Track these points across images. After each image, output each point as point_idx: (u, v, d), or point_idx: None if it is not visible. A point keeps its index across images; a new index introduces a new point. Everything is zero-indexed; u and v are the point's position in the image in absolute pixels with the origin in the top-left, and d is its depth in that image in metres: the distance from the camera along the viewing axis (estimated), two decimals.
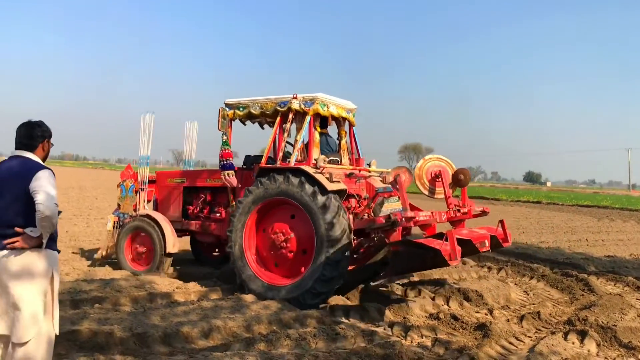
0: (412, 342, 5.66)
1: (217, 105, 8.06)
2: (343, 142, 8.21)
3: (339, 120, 8.11)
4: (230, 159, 7.81)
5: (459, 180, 7.71)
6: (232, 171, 7.71)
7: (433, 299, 7.41)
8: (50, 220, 3.30)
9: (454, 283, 8.29)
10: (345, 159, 8.13)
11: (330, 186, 6.73)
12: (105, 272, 8.20)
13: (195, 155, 9.28)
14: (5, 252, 3.35)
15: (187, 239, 9.44)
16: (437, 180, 7.72)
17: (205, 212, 8.50)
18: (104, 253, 8.74)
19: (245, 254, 7.19)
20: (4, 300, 3.35)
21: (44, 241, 3.39)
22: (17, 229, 3.35)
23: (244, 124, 8.28)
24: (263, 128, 8.61)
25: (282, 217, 7.16)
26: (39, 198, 3.28)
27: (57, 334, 3.57)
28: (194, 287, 7.50)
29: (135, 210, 8.74)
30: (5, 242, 3.34)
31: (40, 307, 3.39)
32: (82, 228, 13.69)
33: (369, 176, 7.90)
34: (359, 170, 7.72)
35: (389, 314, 6.64)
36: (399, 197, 6.73)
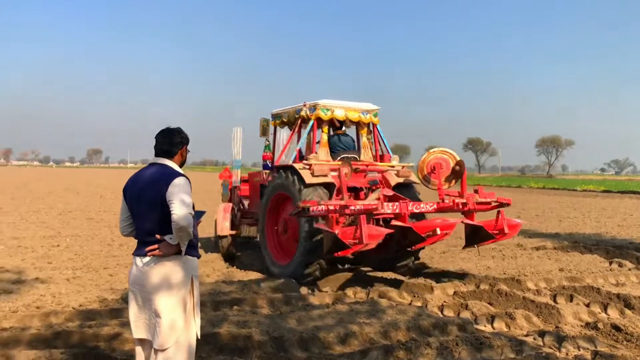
0: (567, 354, 5.10)
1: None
2: (364, 140, 9.01)
3: (357, 122, 8.89)
4: (269, 160, 9.53)
5: (455, 171, 8.01)
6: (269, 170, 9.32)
7: (587, 305, 6.70)
8: (186, 230, 3.28)
9: (610, 288, 7.46)
10: (367, 156, 8.88)
11: (309, 180, 7.61)
12: (243, 274, 8.41)
13: (240, 156, 10.55)
14: (147, 259, 3.40)
15: None
16: (440, 171, 8.06)
17: None
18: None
19: (266, 239, 8.55)
20: (147, 306, 3.40)
21: (183, 249, 3.39)
22: (157, 236, 3.38)
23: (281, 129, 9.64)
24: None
25: (289, 209, 8.03)
26: (174, 208, 3.27)
27: (199, 338, 3.56)
28: (328, 290, 7.42)
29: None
30: (147, 249, 3.39)
31: (179, 315, 3.40)
32: None
33: (386, 171, 8.54)
34: (367, 166, 8.48)
35: (538, 322, 6.09)
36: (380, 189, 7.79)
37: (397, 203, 7.37)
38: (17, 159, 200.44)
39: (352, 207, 6.84)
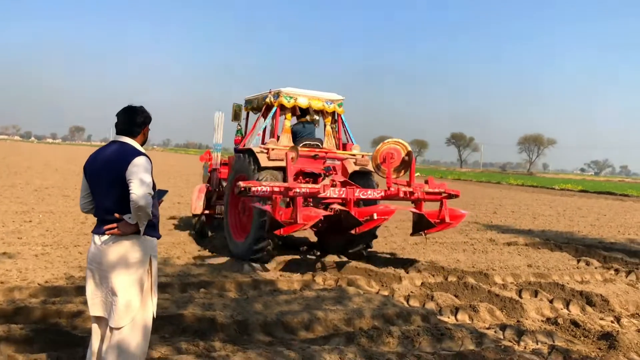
0: (525, 348, 5.20)
1: None
2: (328, 129, 9.32)
3: (320, 111, 9.21)
4: (239, 144, 9.61)
5: (404, 161, 8.27)
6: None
7: (551, 301, 6.84)
8: (145, 210, 3.26)
9: (575, 285, 7.60)
10: (330, 144, 9.20)
11: (265, 163, 7.97)
12: (214, 258, 8.40)
13: (221, 140, 10.63)
14: (105, 237, 3.37)
15: None
16: (391, 161, 8.24)
17: None
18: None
19: (228, 218, 8.89)
20: (104, 284, 3.40)
21: (142, 229, 3.38)
22: (116, 215, 3.35)
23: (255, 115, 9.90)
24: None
25: None
26: (133, 187, 3.23)
27: (155, 317, 3.56)
28: (297, 276, 7.46)
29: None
30: (105, 227, 3.37)
31: (135, 295, 3.39)
32: None
33: (345, 159, 8.87)
34: (326, 153, 8.83)
35: (501, 316, 6.19)
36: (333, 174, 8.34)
37: (343, 188, 7.63)
38: None
39: (296, 190, 7.07)
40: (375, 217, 7.41)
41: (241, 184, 6.99)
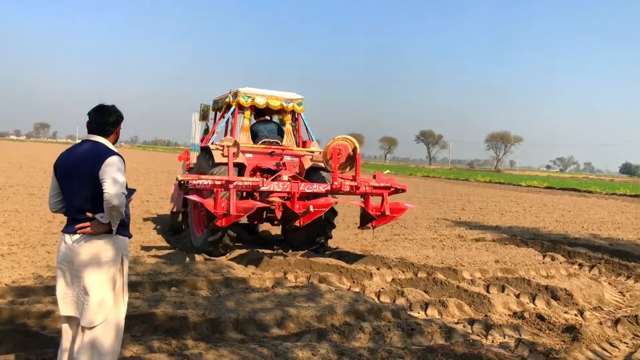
0: (493, 341, 5.33)
1: None
2: (287, 127, 9.69)
3: (278, 110, 9.62)
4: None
5: (350, 157, 8.38)
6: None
7: (517, 296, 7.00)
8: (118, 209, 3.26)
9: (540, 280, 7.80)
10: (289, 142, 9.57)
11: (219, 159, 8.19)
12: (186, 257, 8.37)
13: (198, 140, 10.70)
14: (77, 236, 3.36)
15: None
16: (338, 157, 8.37)
17: None
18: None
19: (191, 214, 9.22)
20: (76, 283, 3.38)
21: (114, 228, 3.38)
22: (88, 214, 3.34)
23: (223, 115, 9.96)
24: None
25: None
26: (107, 187, 3.24)
27: (126, 316, 3.56)
28: (269, 274, 7.49)
29: None
30: (77, 227, 3.35)
31: (108, 294, 3.39)
32: (168, 210, 14.04)
33: (303, 156, 9.20)
34: (283, 150, 9.18)
35: (469, 311, 6.33)
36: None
37: (288, 182, 7.91)
38: None
39: (237, 183, 7.29)
40: (311, 209, 7.59)
41: (179, 177, 7.25)
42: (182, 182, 7.14)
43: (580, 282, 7.70)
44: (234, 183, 7.26)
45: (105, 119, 3.53)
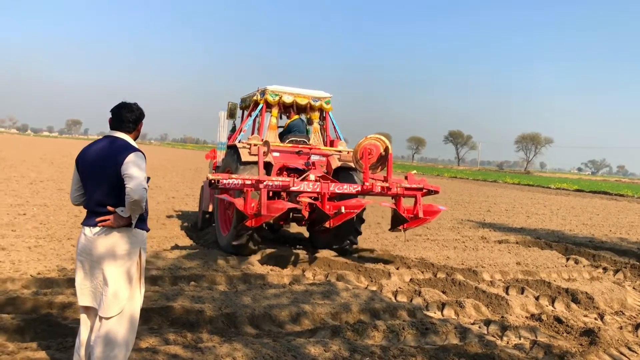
0: (508, 342, 5.30)
1: None
2: (315, 125, 9.57)
3: (305, 108, 9.50)
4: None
5: (381, 157, 8.28)
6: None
7: (537, 298, 6.93)
8: (139, 204, 3.37)
9: (561, 283, 7.70)
10: (316, 141, 9.44)
11: (246, 158, 8.09)
12: (207, 252, 8.48)
13: (225, 138, 10.72)
14: (96, 229, 3.47)
15: None
16: (369, 156, 8.26)
17: None
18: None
19: (218, 213, 9.12)
20: (94, 274, 3.49)
21: (133, 222, 3.48)
22: (109, 208, 3.45)
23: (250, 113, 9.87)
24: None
25: None
26: (128, 181, 3.35)
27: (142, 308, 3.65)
28: (288, 271, 7.55)
29: None
30: (97, 219, 3.46)
31: (124, 286, 3.48)
32: (193, 207, 14.26)
33: (330, 155, 9.12)
34: (310, 149, 9.05)
35: (486, 312, 6.30)
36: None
37: (318, 183, 7.71)
38: None
39: (267, 182, 7.22)
40: (343, 210, 7.43)
41: (209, 176, 7.17)
42: (213, 181, 7.08)
43: (602, 286, 7.58)
44: (265, 183, 7.20)
45: (127, 116, 3.64)
